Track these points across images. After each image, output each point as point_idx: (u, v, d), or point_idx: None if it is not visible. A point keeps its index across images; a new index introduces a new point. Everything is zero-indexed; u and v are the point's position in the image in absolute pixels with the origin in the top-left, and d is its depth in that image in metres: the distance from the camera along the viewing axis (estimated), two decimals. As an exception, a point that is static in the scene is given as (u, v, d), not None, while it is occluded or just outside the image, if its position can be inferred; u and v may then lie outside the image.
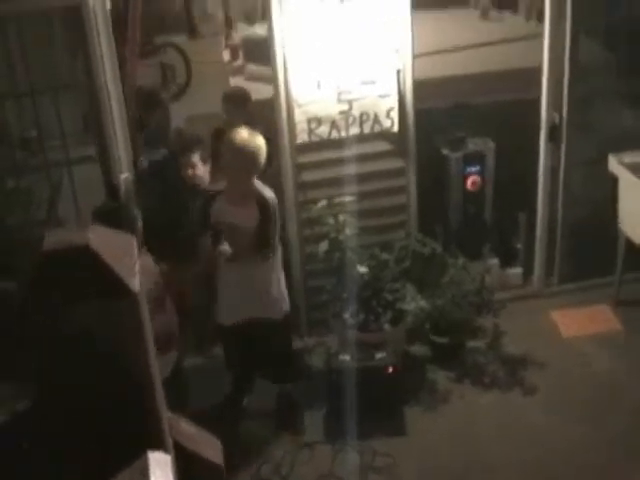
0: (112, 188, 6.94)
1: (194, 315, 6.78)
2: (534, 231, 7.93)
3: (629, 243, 7.50)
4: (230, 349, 6.59)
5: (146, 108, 8.14)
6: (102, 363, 1.74)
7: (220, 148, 6.35)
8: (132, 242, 1.83)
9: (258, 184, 6.05)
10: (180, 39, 11.90)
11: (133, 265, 1.73)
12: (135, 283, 1.70)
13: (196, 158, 6.87)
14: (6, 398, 6.23)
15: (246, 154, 5.91)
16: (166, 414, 1.98)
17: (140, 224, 5.65)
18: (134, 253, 1.79)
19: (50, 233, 1.77)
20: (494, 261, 7.99)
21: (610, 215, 7.56)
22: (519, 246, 8.17)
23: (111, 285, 1.68)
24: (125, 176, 6.97)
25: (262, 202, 5.98)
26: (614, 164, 7.46)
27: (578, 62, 7.37)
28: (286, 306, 6.39)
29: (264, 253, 6.04)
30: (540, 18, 8.04)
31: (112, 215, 5.64)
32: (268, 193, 6.05)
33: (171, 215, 6.99)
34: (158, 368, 1.93)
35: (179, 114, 9.38)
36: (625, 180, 7.36)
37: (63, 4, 6.51)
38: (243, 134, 5.97)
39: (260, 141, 5.97)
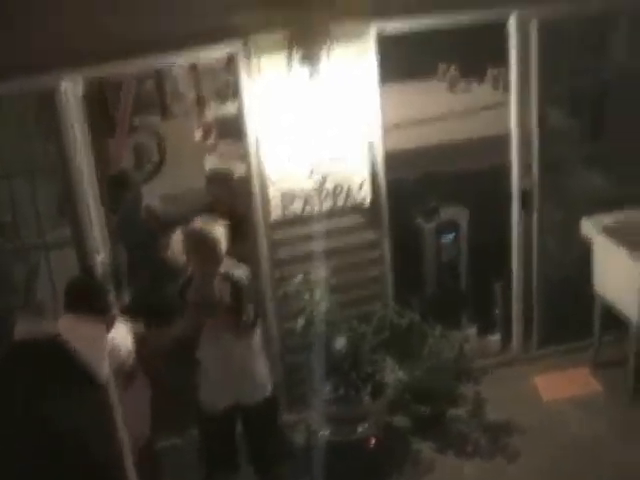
0: (88, 270, 6.95)
1: (172, 392, 6.70)
2: (511, 297, 7.96)
3: (605, 305, 7.54)
4: (211, 440, 6.36)
5: (116, 191, 8.19)
6: (70, 449, 1.75)
7: None
8: (102, 330, 1.85)
9: (228, 263, 6.04)
10: (153, 119, 11.99)
11: (102, 354, 1.74)
12: (103, 373, 1.72)
13: (176, 238, 6.88)
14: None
15: (205, 245, 5.92)
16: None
17: (112, 298, 5.67)
18: (103, 342, 1.80)
19: (21, 322, 1.78)
20: (472, 329, 8.01)
21: (585, 278, 7.61)
22: (497, 312, 8.19)
23: (80, 375, 1.69)
24: (101, 258, 6.98)
25: (231, 281, 5.97)
26: (587, 228, 7.53)
27: (546, 128, 7.48)
28: (271, 387, 6.34)
29: (241, 328, 6.03)
30: (507, 87, 8.16)
31: (83, 290, 5.64)
32: (238, 272, 6.02)
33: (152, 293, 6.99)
34: (129, 451, 1.93)
35: (154, 193, 9.43)
36: (598, 243, 7.42)
37: (37, 89, 6.55)
38: (200, 225, 6.00)
39: (218, 231, 5.96)
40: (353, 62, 6.86)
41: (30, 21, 6.14)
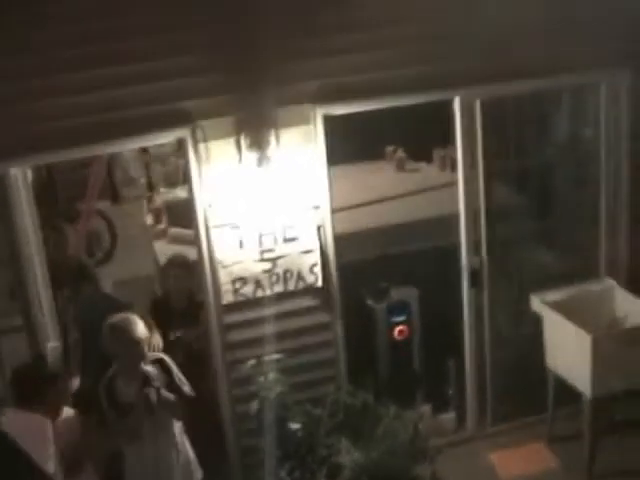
0: (39, 357, 6.88)
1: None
2: (464, 375, 7.98)
3: (558, 380, 7.58)
4: None
5: (75, 281, 8.16)
6: None
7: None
8: (46, 425, 1.84)
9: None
10: (103, 204, 11.99)
11: (48, 448, 1.74)
12: (51, 466, 1.71)
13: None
14: None
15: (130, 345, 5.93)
16: None
17: (63, 381, 5.61)
18: (49, 435, 1.79)
19: (-35, 420, 1.77)
20: (426, 408, 8.01)
21: (537, 353, 7.66)
22: (450, 390, 8.20)
23: (26, 470, 1.68)
24: (52, 345, 6.94)
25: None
26: (537, 304, 7.60)
27: (493, 206, 7.58)
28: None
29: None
30: (454, 167, 8.27)
31: (31, 372, 5.58)
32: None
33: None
34: None
35: (105, 279, 9.40)
36: (549, 318, 7.48)
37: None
38: (123, 324, 6.00)
39: (140, 330, 5.99)
40: (301, 145, 6.93)
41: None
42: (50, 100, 6.30)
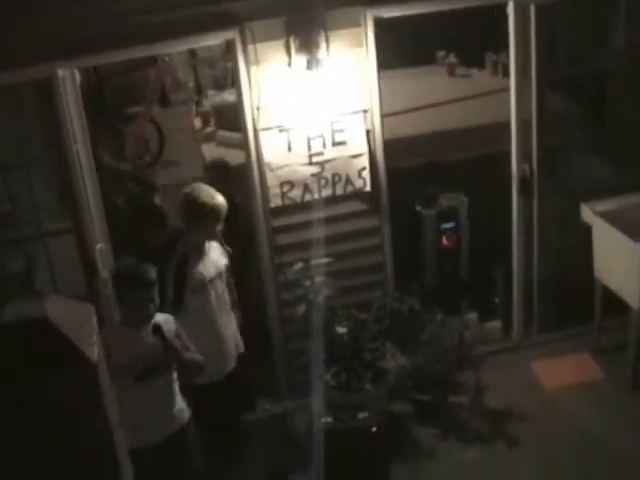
0: (88, 260, 6.95)
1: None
2: (511, 284, 7.95)
3: (605, 291, 7.53)
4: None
5: (151, 226, 8.16)
6: (62, 433, 1.74)
7: None
8: (91, 312, 1.84)
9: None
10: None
11: (91, 335, 1.73)
12: (93, 353, 1.71)
13: None
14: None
15: None
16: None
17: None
18: (93, 323, 1.79)
19: (9, 305, 1.77)
20: (472, 315, 8.01)
21: (586, 264, 7.60)
22: (497, 299, 8.19)
23: (69, 355, 1.68)
24: (100, 247, 6.98)
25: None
26: (587, 213, 7.52)
27: (545, 114, 7.46)
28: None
29: None
30: (506, 73, 8.15)
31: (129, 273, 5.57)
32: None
33: None
34: (121, 435, 1.92)
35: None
36: (598, 229, 7.41)
37: (33, 78, 6.54)
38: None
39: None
40: (351, 49, 6.86)
41: (28, 10, 6.12)
42: (97, 1, 6.26)
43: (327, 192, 7.12)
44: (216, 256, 6.44)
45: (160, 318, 5.62)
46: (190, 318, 6.04)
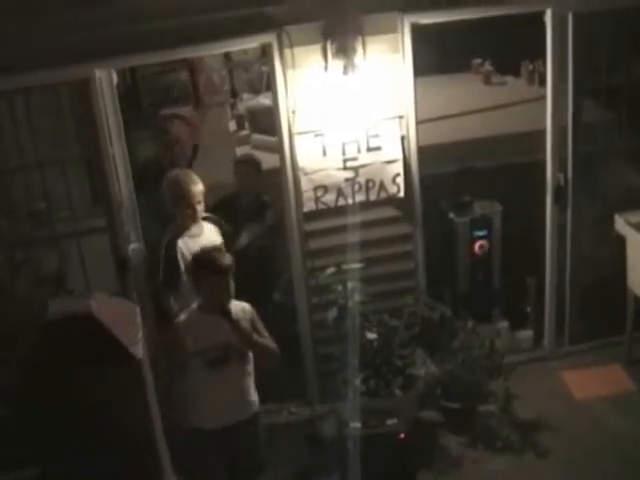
0: (121, 259, 6.98)
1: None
2: (543, 293, 7.91)
3: (638, 302, 7.48)
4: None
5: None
6: (106, 426, 1.75)
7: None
8: (135, 310, 1.84)
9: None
10: (186, 110, 12.01)
11: (136, 332, 1.74)
12: (138, 350, 1.71)
13: None
14: (14, 464, 6.22)
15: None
16: (171, 476, 1.98)
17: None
18: (137, 320, 1.80)
19: (54, 301, 1.78)
20: (504, 324, 7.98)
21: (619, 274, 7.55)
22: (529, 309, 8.15)
23: (114, 352, 1.69)
24: (133, 247, 7.01)
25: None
26: (621, 224, 7.48)
27: (581, 123, 7.42)
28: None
29: None
30: (542, 82, 8.11)
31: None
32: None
33: None
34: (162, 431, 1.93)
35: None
36: (633, 239, 7.36)
37: (71, 78, 6.58)
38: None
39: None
40: (388, 54, 6.86)
41: (65, 10, 6.17)
42: (135, 2, 6.30)
43: (360, 197, 7.12)
44: (212, 237, 6.69)
45: (236, 305, 5.74)
46: (184, 298, 6.24)
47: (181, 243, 6.61)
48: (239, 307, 5.78)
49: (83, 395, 1.73)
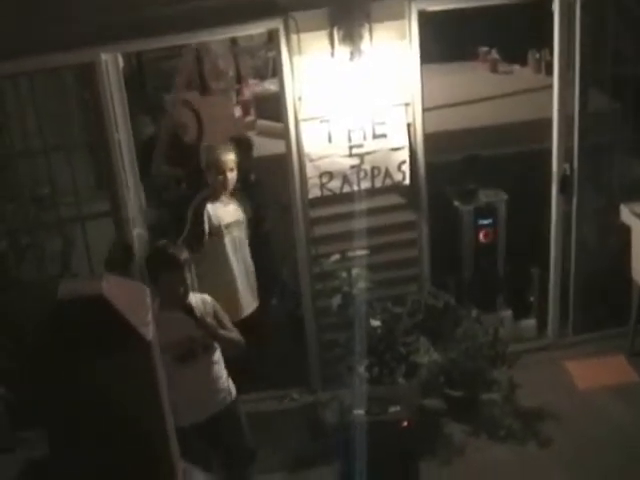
0: (125, 244, 6.98)
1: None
2: (547, 282, 7.90)
3: (643, 293, 7.48)
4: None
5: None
6: (115, 409, 1.74)
7: None
8: (145, 291, 1.84)
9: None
10: (192, 95, 11.96)
11: (146, 314, 1.73)
12: (148, 331, 1.71)
13: None
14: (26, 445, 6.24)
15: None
16: (179, 462, 1.97)
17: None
18: (147, 302, 1.79)
19: (64, 283, 1.78)
20: (507, 313, 7.98)
21: (623, 265, 7.54)
22: (532, 298, 8.14)
23: (124, 333, 1.68)
24: (138, 232, 7.01)
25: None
26: (626, 214, 7.46)
27: (587, 113, 7.40)
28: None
29: None
30: (549, 71, 8.09)
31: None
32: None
33: None
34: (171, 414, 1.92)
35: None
36: (638, 230, 7.34)
37: (77, 62, 6.57)
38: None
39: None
40: (395, 41, 6.84)
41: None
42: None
43: (366, 184, 7.11)
44: (238, 213, 7.06)
45: (195, 299, 5.70)
46: (205, 260, 6.79)
47: (210, 208, 6.88)
48: (199, 299, 5.75)
49: (91, 376, 1.72)
